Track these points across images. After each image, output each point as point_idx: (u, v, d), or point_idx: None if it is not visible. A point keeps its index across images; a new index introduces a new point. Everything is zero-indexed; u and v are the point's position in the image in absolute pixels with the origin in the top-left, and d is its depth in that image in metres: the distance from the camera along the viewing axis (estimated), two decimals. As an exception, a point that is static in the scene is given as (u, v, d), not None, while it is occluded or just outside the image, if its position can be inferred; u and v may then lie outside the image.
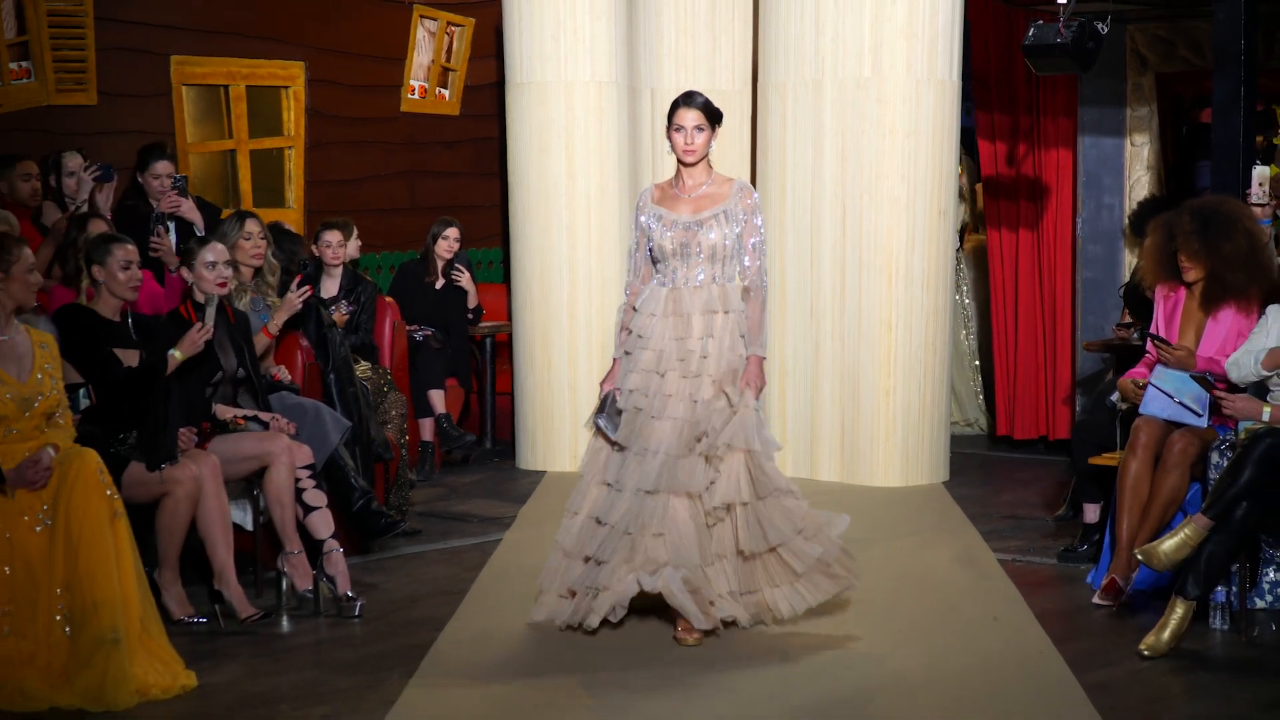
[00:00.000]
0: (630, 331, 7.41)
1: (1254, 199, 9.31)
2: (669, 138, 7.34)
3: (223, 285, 8.08)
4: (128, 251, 7.80)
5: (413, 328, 11.46)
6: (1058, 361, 12.42)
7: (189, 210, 9.62)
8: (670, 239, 7.23)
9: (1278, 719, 6.38)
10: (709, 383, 7.16)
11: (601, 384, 7.61)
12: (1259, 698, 6.66)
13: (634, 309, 7.44)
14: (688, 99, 7.34)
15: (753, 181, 11.36)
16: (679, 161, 7.36)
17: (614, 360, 7.61)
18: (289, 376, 9.04)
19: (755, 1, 11.34)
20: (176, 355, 7.63)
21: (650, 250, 7.39)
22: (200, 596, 7.79)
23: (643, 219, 7.44)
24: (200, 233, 9.59)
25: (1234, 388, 7.60)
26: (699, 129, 7.23)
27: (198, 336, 7.66)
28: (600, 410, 7.38)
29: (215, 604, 7.73)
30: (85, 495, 6.72)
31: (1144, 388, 8.12)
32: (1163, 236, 8.41)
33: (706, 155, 7.33)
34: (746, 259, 7.34)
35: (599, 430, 7.39)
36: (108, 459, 6.98)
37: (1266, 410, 7.34)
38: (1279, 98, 11.65)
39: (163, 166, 9.46)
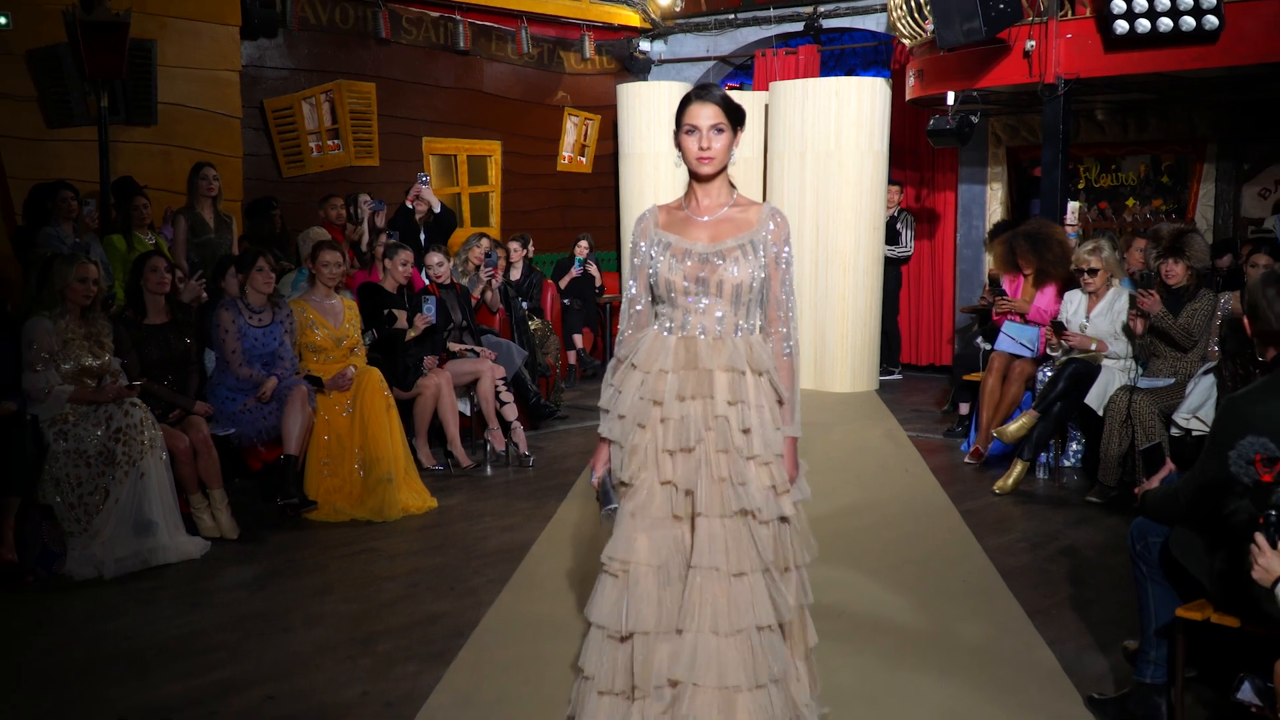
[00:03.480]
0: (624, 392, 3.50)
1: (1069, 221, 9.30)
2: (678, 143, 3.53)
3: (402, 284, 8.01)
4: (407, 255, 7.90)
5: (566, 299, 11.47)
6: (943, 318, 12.30)
7: (427, 193, 9.63)
8: (681, 273, 3.43)
9: (1079, 532, 6.33)
10: (757, 471, 3.36)
11: (592, 466, 3.62)
12: (1066, 519, 6.61)
13: (633, 365, 3.51)
14: (702, 92, 3.51)
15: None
16: (691, 174, 3.56)
17: (600, 439, 3.56)
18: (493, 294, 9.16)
19: (766, 104, 11.17)
20: (410, 332, 7.64)
21: (653, 287, 3.53)
22: (439, 454, 7.81)
23: (644, 246, 3.57)
24: (436, 210, 9.69)
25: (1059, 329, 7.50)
26: (717, 129, 3.46)
27: (421, 324, 7.70)
28: (606, 502, 3.51)
29: (448, 458, 7.75)
30: (372, 395, 6.76)
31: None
32: (1006, 249, 8.41)
33: (726, 166, 3.55)
34: (779, 310, 3.55)
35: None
36: (386, 375, 6.99)
37: (1094, 344, 7.23)
38: (1082, 160, 11.42)
39: (414, 189, 9.51)
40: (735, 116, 3.48)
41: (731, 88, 13.12)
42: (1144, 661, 3.99)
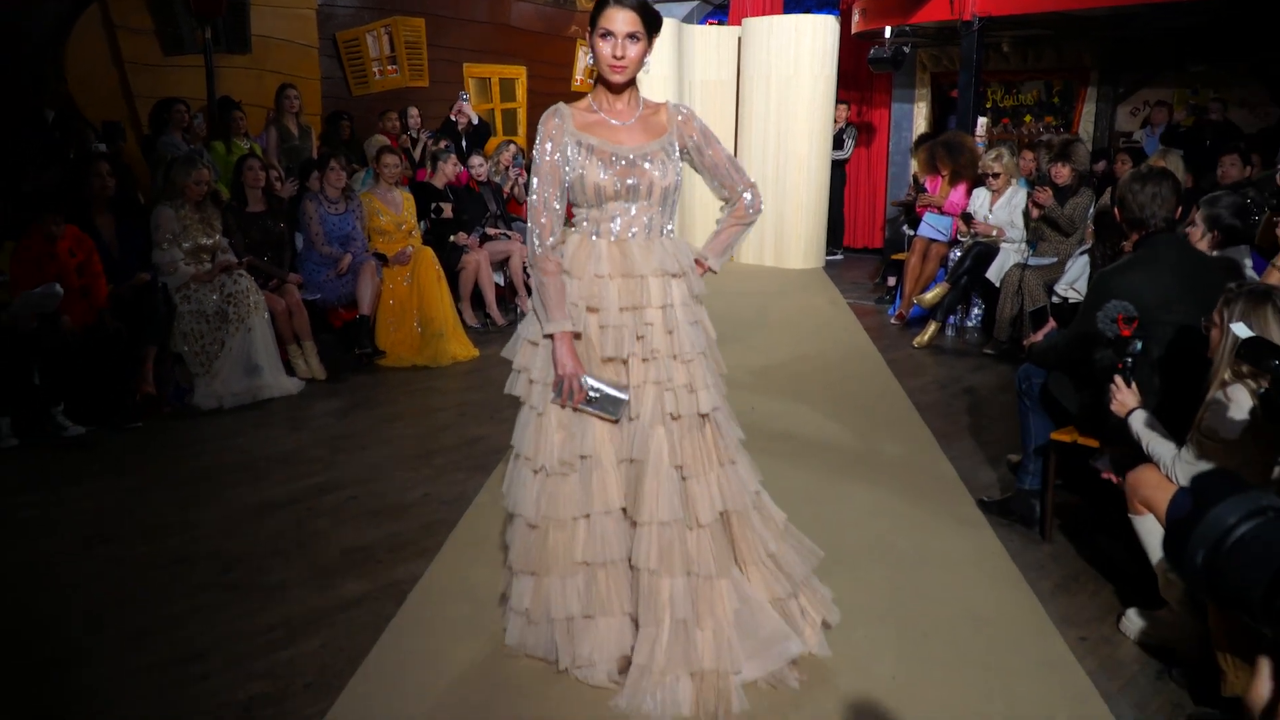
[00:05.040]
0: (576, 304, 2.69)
1: (978, 133, 9.14)
2: (593, 46, 2.69)
3: (450, 181, 7.80)
4: (453, 161, 7.77)
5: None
6: (876, 210, 12.16)
7: (467, 108, 9.35)
8: (611, 177, 2.64)
9: (977, 376, 6.36)
10: (677, 367, 2.66)
11: (559, 369, 2.66)
12: (968, 366, 6.63)
13: (565, 271, 2.70)
14: None
15: (735, 130, 10.90)
16: (601, 79, 2.73)
17: (556, 336, 2.66)
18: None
19: (740, 37, 10.88)
20: (452, 238, 7.52)
21: (572, 190, 2.69)
22: (480, 315, 7.77)
23: (561, 147, 2.68)
24: (474, 122, 9.37)
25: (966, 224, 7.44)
26: (632, 37, 2.64)
27: (461, 240, 7.52)
28: (608, 399, 2.65)
29: (486, 319, 7.73)
30: (426, 268, 6.72)
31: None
32: (928, 154, 8.28)
33: (636, 75, 2.72)
34: (737, 174, 2.86)
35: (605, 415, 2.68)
36: (437, 252, 6.95)
37: (994, 231, 7.18)
38: (989, 84, 11.20)
39: (457, 105, 9.30)
40: (652, 24, 2.66)
41: (711, 23, 12.76)
42: (1024, 472, 4.07)
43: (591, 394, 2.66)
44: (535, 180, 2.71)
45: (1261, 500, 1.01)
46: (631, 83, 2.74)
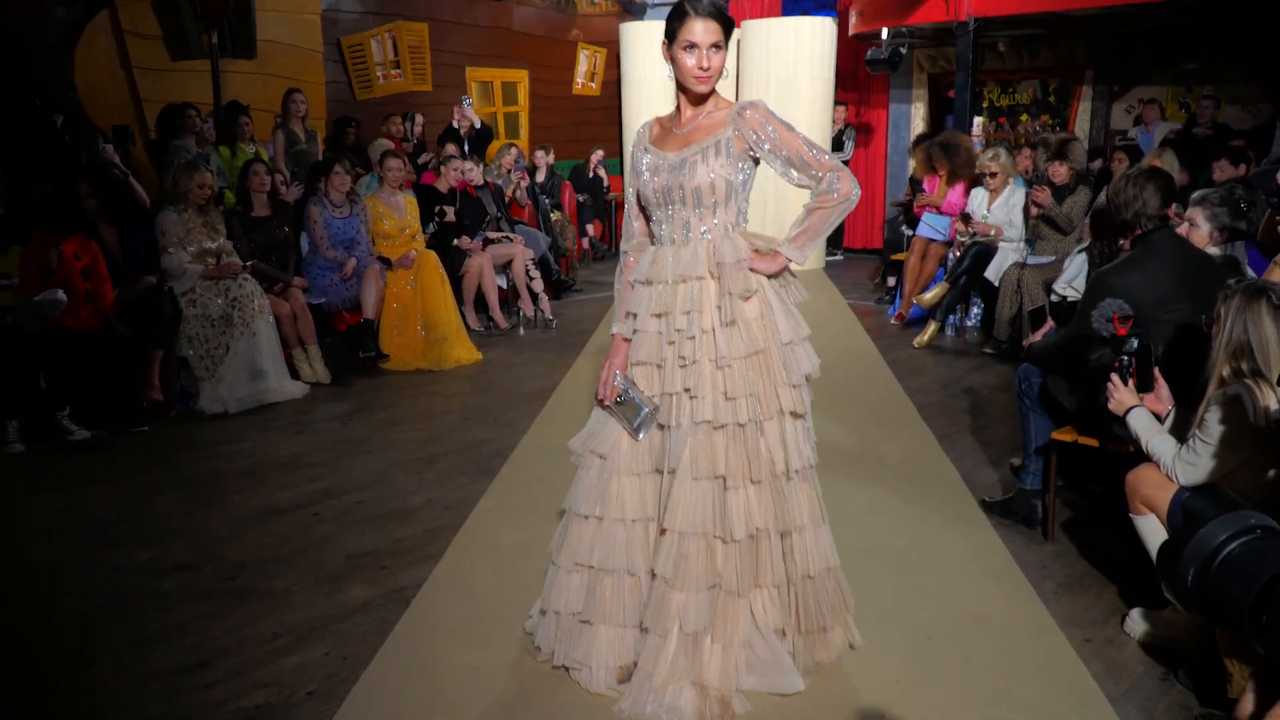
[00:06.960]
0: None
1: (975, 133, 9.09)
2: (672, 58, 2.63)
3: (457, 185, 7.76)
4: (458, 164, 7.72)
5: (580, 196, 11.22)
6: (875, 211, 12.10)
7: (469, 112, 9.34)
8: (653, 187, 2.66)
9: (977, 376, 6.31)
10: (714, 373, 2.57)
11: (605, 362, 2.80)
12: (967, 366, 6.59)
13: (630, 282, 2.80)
14: (699, 5, 2.57)
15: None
16: (685, 89, 2.67)
17: (615, 336, 2.81)
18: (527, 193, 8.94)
19: (739, 40, 10.81)
20: (455, 242, 7.45)
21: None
22: (483, 318, 7.75)
23: (639, 156, 2.76)
24: (477, 126, 9.35)
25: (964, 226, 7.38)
26: (716, 47, 2.58)
27: (464, 245, 7.48)
28: (634, 414, 2.67)
29: (489, 322, 7.69)
30: (429, 272, 6.68)
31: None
32: (925, 155, 8.19)
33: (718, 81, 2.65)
34: (815, 160, 2.60)
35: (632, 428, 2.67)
36: (443, 256, 6.90)
37: (993, 230, 7.12)
38: (985, 84, 11.15)
39: (457, 108, 9.25)
40: (729, 30, 2.61)
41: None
42: (1025, 473, 4.02)
43: (620, 396, 2.69)
44: (628, 187, 2.84)
45: (1250, 519, 0.97)
46: (713, 90, 2.70)
